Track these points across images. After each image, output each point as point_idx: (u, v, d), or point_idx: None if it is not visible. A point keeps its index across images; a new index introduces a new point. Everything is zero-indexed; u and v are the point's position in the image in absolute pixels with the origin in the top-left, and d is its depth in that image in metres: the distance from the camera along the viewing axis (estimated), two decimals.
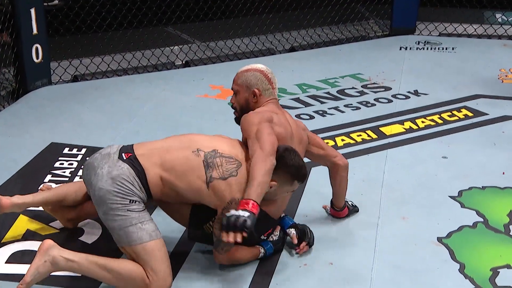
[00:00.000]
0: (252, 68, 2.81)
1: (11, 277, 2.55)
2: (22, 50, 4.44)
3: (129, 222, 2.47)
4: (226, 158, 2.57)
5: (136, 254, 2.48)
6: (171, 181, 2.55)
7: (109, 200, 2.48)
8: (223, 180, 2.53)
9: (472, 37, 6.21)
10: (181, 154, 2.57)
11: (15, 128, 4.01)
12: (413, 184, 3.39)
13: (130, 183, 2.49)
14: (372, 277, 2.62)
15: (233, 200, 2.52)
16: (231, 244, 2.44)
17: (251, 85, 2.78)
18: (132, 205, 2.49)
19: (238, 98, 2.82)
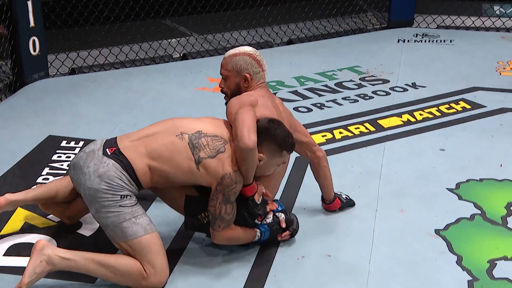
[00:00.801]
0: (241, 52, 2.77)
1: (9, 269, 2.56)
2: (19, 42, 4.44)
3: (122, 217, 2.46)
4: (211, 137, 2.55)
5: (132, 249, 2.47)
6: (160, 169, 2.53)
7: (100, 198, 2.46)
8: (212, 158, 2.51)
9: (470, 30, 6.21)
10: (165, 140, 2.55)
11: (13, 121, 4.00)
12: (411, 177, 3.40)
13: (118, 178, 2.47)
14: (370, 269, 2.63)
15: (226, 175, 2.50)
16: (227, 221, 2.52)
17: (241, 70, 2.75)
18: (124, 200, 2.48)
19: (228, 84, 2.78)
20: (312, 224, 2.95)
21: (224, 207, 2.54)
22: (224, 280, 2.55)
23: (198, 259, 2.68)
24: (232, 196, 2.54)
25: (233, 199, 2.56)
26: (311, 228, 2.91)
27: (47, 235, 2.78)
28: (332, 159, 3.54)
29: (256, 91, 2.76)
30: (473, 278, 2.59)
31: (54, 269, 2.43)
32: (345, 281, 2.56)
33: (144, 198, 3.05)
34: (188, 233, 2.83)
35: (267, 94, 2.78)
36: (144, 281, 2.47)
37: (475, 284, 2.55)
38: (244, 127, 2.47)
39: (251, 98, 2.65)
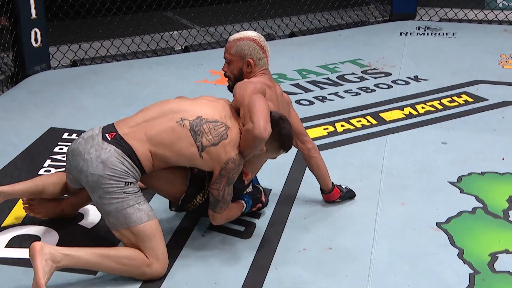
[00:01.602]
0: (245, 36, 2.77)
1: (11, 261, 2.56)
2: (21, 34, 4.43)
3: (126, 204, 2.46)
4: (213, 123, 2.55)
5: (135, 236, 2.46)
6: (162, 154, 2.54)
7: (104, 185, 2.45)
8: (215, 146, 2.53)
9: (473, 23, 6.19)
10: (165, 126, 2.54)
11: (14, 112, 4.00)
12: (412, 170, 3.39)
13: (121, 163, 2.46)
14: (371, 262, 2.63)
15: (230, 159, 2.53)
16: (228, 202, 2.60)
17: (245, 55, 2.75)
18: (128, 187, 2.47)
19: (231, 68, 2.78)
20: (313, 217, 2.95)
21: (227, 189, 2.59)
22: (226, 273, 2.55)
23: (200, 252, 2.68)
24: (236, 177, 2.60)
25: (233, 181, 2.61)
26: (312, 221, 2.92)
27: (48, 227, 2.78)
28: (333, 152, 3.57)
29: (260, 77, 2.75)
30: (474, 271, 2.59)
31: (59, 266, 2.38)
32: (346, 274, 2.56)
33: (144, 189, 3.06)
34: (189, 226, 2.84)
35: (271, 83, 2.79)
36: (148, 269, 2.46)
37: (476, 277, 2.55)
38: (261, 116, 2.47)
39: (262, 86, 2.66)
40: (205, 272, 2.56)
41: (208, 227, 2.84)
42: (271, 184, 3.18)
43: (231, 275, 2.53)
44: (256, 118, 2.47)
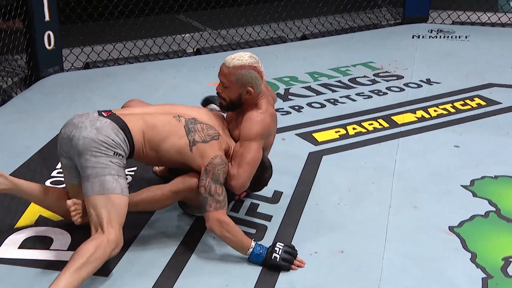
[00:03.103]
0: (246, 64, 2.72)
1: (24, 262, 2.58)
2: (35, 37, 4.46)
3: (108, 171, 2.49)
4: (206, 125, 2.71)
5: (102, 204, 2.45)
6: (154, 140, 2.62)
7: (94, 148, 2.50)
8: (205, 143, 2.65)
9: (486, 26, 6.16)
10: (162, 117, 2.68)
11: (28, 114, 4.03)
12: (424, 173, 3.38)
13: (115, 134, 2.53)
14: (383, 266, 2.62)
15: (217, 156, 2.62)
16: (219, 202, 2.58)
17: (245, 84, 2.73)
18: (115, 158, 2.52)
19: (228, 93, 2.76)
20: (324, 220, 2.94)
21: (214, 186, 2.59)
22: (237, 276, 2.55)
23: (211, 255, 2.68)
24: (222, 176, 2.62)
25: (222, 180, 2.63)
26: (324, 224, 2.91)
27: (61, 228, 2.79)
28: (345, 155, 3.57)
29: (264, 104, 2.81)
30: (487, 275, 2.58)
31: None
32: (357, 277, 2.55)
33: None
34: (200, 228, 2.84)
35: (271, 105, 2.87)
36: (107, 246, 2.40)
37: (489, 281, 2.54)
38: (247, 173, 2.68)
39: (269, 126, 2.79)
40: (217, 274, 2.56)
41: None
42: (282, 186, 3.18)
43: (243, 278, 2.53)
44: (242, 171, 2.67)
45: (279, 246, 2.59)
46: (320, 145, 3.68)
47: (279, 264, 2.55)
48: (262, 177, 2.82)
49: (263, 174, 2.82)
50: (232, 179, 2.68)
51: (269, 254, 2.57)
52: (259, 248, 2.59)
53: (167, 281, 2.50)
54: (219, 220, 2.58)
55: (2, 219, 2.87)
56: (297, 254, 2.62)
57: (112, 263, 2.58)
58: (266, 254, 2.57)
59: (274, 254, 2.56)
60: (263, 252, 2.58)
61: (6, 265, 2.56)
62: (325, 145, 3.67)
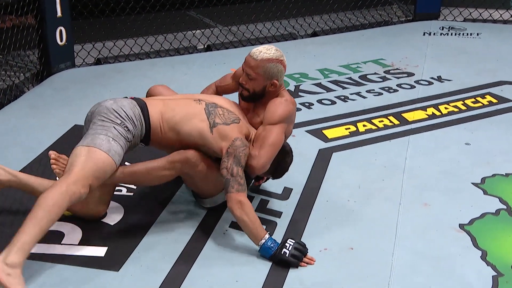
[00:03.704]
0: (273, 58, 2.78)
1: (37, 256, 2.59)
2: (47, 32, 4.47)
3: (104, 132, 2.55)
4: (227, 110, 2.79)
5: (82, 153, 2.46)
6: (173, 121, 2.69)
7: (104, 114, 2.62)
8: (226, 125, 2.71)
9: (498, 23, 6.13)
10: (183, 101, 2.79)
11: (39, 110, 4.05)
12: (435, 171, 3.38)
13: (130, 108, 2.65)
14: (392, 263, 2.62)
15: (238, 138, 2.67)
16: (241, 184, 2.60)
17: (271, 76, 2.80)
18: (120, 126, 2.59)
19: (253, 84, 2.81)
20: (334, 216, 2.95)
21: (236, 168, 2.63)
22: (247, 271, 2.56)
23: (221, 250, 2.69)
24: (243, 158, 2.66)
25: (243, 163, 2.66)
26: (334, 220, 2.92)
27: (72, 223, 2.80)
28: (355, 152, 3.56)
29: (287, 94, 2.88)
30: (497, 273, 2.57)
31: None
32: (367, 274, 2.56)
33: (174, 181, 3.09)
34: (210, 224, 2.86)
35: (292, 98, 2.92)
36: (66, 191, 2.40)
37: (499, 279, 2.54)
38: (268, 154, 2.74)
39: (292, 112, 2.85)
40: (226, 270, 2.57)
41: (229, 225, 2.85)
42: (292, 182, 3.18)
43: (253, 273, 2.54)
44: (264, 152, 2.73)
45: (290, 242, 2.60)
46: (330, 142, 3.68)
47: (287, 259, 2.56)
48: (283, 161, 2.89)
49: (284, 158, 2.89)
50: (253, 159, 2.71)
51: (279, 250, 2.57)
52: (271, 242, 2.59)
53: (177, 276, 2.51)
54: (241, 202, 2.59)
55: (14, 214, 2.88)
56: (307, 252, 2.62)
57: (123, 257, 2.60)
58: (276, 249, 2.58)
59: (284, 250, 2.57)
60: (274, 246, 2.58)
61: None
62: (335, 142, 3.67)
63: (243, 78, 2.83)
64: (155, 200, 3.03)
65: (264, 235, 2.60)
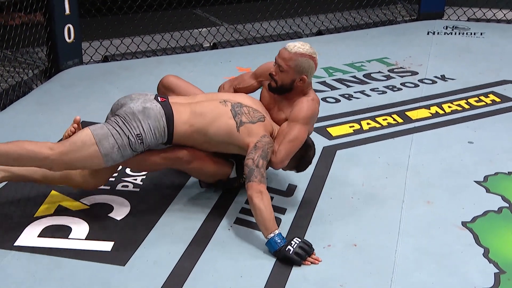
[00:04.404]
0: (306, 53, 2.84)
1: (43, 250, 2.63)
2: (55, 30, 4.50)
3: (117, 136, 2.67)
4: (252, 109, 2.86)
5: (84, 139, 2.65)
6: (201, 126, 2.76)
7: (127, 116, 2.70)
8: (253, 124, 2.79)
9: (501, 22, 6.14)
10: (209, 103, 2.84)
11: (47, 106, 4.08)
12: (438, 169, 3.40)
13: (155, 120, 2.71)
14: (395, 260, 2.65)
15: (266, 135, 2.77)
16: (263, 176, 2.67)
17: (302, 71, 2.84)
18: (135, 138, 2.69)
19: (283, 76, 2.86)
20: (338, 213, 2.97)
21: (262, 161, 2.71)
22: (252, 266, 2.59)
23: (226, 245, 2.72)
24: (269, 154, 2.76)
25: (268, 159, 2.76)
26: (337, 217, 2.94)
27: (79, 217, 2.85)
28: (359, 150, 3.59)
29: (313, 92, 2.96)
30: (500, 270, 2.60)
31: None
32: (370, 270, 2.58)
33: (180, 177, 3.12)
34: (215, 219, 2.89)
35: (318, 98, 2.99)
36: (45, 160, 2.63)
37: (501, 276, 2.56)
38: (288, 151, 2.83)
39: (316, 113, 2.94)
40: (231, 265, 2.59)
41: (234, 221, 2.88)
42: (296, 180, 3.21)
43: (257, 269, 2.57)
44: (283, 147, 2.82)
45: (296, 241, 2.62)
46: (334, 139, 3.71)
47: (290, 256, 2.58)
48: (306, 155, 2.96)
49: (307, 152, 2.95)
50: (272, 156, 2.81)
51: (284, 246, 2.60)
52: (279, 238, 2.61)
53: (182, 270, 2.54)
54: (262, 192, 2.66)
55: (22, 208, 2.92)
56: (312, 252, 2.63)
57: (129, 252, 2.63)
58: (282, 245, 2.60)
59: (288, 247, 2.59)
60: (280, 243, 2.60)
61: (26, 253, 2.61)
62: (339, 139, 3.70)
63: (274, 69, 2.88)
64: (161, 196, 3.06)
65: (275, 229, 2.63)
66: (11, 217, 2.86)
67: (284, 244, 2.60)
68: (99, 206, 2.95)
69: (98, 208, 2.93)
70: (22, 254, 2.61)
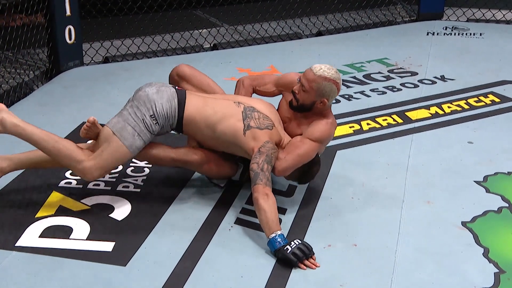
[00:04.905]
0: (331, 77, 2.88)
1: (45, 250, 2.64)
2: (56, 31, 4.52)
3: (134, 125, 2.80)
4: (263, 115, 2.91)
5: (108, 139, 2.78)
6: (211, 119, 2.85)
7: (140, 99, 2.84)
8: (259, 130, 2.83)
9: (501, 23, 6.15)
10: (223, 101, 2.93)
11: (48, 107, 4.09)
12: (438, 169, 3.41)
13: (167, 100, 2.85)
14: (395, 260, 2.65)
15: (269, 141, 2.81)
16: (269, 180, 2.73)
17: (323, 94, 2.89)
18: (150, 119, 2.81)
19: (304, 96, 2.91)
20: (338, 214, 2.98)
21: (266, 165, 2.75)
22: (252, 267, 2.59)
23: (226, 246, 2.72)
24: (273, 159, 2.80)
25: (272, 164, 2.79)
26: (337, 217, 2.95)
27: (80, 218, 2.85)
28: (359, 150, 3.60)
29: (333, 117, 3.01)
30: (499, 270, 2.60)
31: (3, 131, 2.82)
32: (370, 270, 2.59)
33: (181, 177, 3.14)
34: (216, 220, 2.89)
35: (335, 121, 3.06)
36: (76, 164, 2.78)
37: (501, 276, 2.57)
38: (292, 163, 2.87)
39: (331, 136, 3.01)
40: (231, 265, 2.60)
41: (235, 221, 2.89)
42: None
43: (258, 269, 2.58)
44: (290, 157, 2.86)
45: (296, 242, 2.63)
46: (334, 140, 3.67)
47: (287, 256, 2.58)
48: (310, 170, 3.00)
49: (311, 168, 2.99)
50: (277, 161, 2.85)
51: (283, 246, 2.61)
52: (281, 238, 2.62)
53: (183, 270, 2.55)
54: (268, 195, 2.70)
55: (23, 209, 2.93)
56: (311, 255, 2.63)
57: (130, 253, 2.64)
58: (282, 245, 2.61)
59: (287, 247, 2.60)
60: (281, 243, 2.61)
61: (27, 253, 2.62)
62: (339, 140, 3.70)
63: (297, 87, 2.93)
64: (162, 197, 3.07)
65: (277, 230, 2.65)
66: (12, 217, 2.86)
67: (284, 244, 2.61)
68: (100, 206, 2.96)
69: (99, 208, 2.94)
70: (24, 254, 2.61)
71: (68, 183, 3.14)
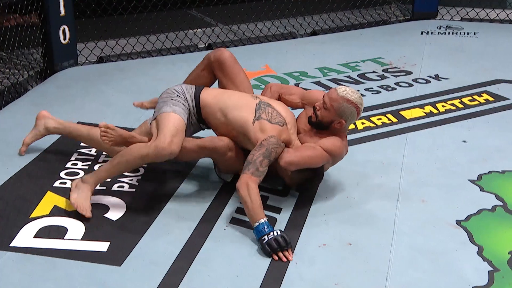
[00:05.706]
0: (353, 101, 2.92)
1: (39, 251, 2.63)
2: (50, 31, 4.51)
3: (163, 103, 2.98)
4: (276, 113, 2.97)
5: (157, 123, 2.90)
6: (225, 104, 2.95)
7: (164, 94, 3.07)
8: (269, 123, 2.88)
9: (494, 22, 6.17)
10: (240, 94, 3.06)
11: (43, 107, 4.02)
12: (432, 168, 3.42)
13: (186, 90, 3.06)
14: (390, 258, 2.66)
15: (274, 136, 2.83)
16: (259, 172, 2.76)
17: (342, 115, 2.94)
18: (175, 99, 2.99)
19: (324, 113, 2.95)
20: (333, 213, 2.99)
21: (261, 158, 2.78)
22: (247, 266, 2.60)
23: (221, 245, 2.73)
24: (273, 154, 2.81)
25: (272, 159, 2.81)
26: (332, 216, 2.96)
27: (75, 218, 2.85)
28: (354, 149, 3.60)
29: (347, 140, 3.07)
30: (493, 268, 2.61)
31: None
32: (365, 269, 2.60)
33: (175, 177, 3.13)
34: (211, 219, 2.89)
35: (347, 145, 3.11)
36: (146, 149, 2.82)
37: (495, 274, 2.58)
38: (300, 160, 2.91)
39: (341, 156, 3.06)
40: (227, 265, 2.61)
41: (229, 221, 2.90)
42: None
43: (253, 268, 2.58)
44: (299, 154, 2.90)
45: (275, 233, 2.65)
46: None
47: (262, 245, 2.63)
48: (313, 179, 3.04)
49: (313, 178, 3.03)
50: (285, 153, 2.89)
51: (262, 236, 2.64)
52: (264, 227, 2.66)
53: (178, 270, 2.55)
54: (248, 184, 2.73)
55: (18, 209, 2.92)
56: (287, 248, 2.64)
57: (125, 252, 2.64)
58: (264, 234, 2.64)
59: (265, 236, 2.64)
60: (264, 231, 2.65)
61: (21, 253, 2.61)
62: None
63: (319, 103, 2.97)
64: (157, 196, 3.07)
65: (260, 218, 2.68)
66: (7, 217, 2.86)
67: (266, 233, 2.64)
68: (94, 206, 2.94)
69: (93, 208, 2.92)
70: (18, 254, 2.61)
71: (63, 183, 3.14)
